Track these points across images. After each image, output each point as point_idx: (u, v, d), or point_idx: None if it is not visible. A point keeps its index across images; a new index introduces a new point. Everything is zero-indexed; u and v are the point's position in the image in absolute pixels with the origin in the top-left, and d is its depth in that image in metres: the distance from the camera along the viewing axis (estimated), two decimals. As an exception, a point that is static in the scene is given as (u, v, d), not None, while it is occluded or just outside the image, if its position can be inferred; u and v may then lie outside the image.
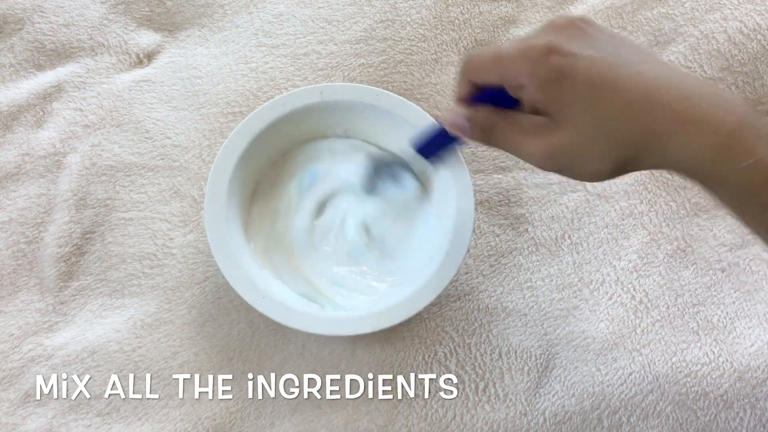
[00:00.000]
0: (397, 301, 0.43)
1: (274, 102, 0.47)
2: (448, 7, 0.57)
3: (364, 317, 0.43)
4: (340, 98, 0.47)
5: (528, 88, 0.32)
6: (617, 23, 0.56)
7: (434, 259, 0.44)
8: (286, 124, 0.47)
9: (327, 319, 0.43)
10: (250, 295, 0.43)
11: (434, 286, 0.43)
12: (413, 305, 0.43)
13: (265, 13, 0.56)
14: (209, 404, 0.46)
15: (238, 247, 0.45)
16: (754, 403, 0.46)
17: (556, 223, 0.51)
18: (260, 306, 0.42)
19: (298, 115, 0.47)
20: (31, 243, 0.50)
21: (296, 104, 0.47)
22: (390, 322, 0.42)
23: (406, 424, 0.45)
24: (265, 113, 0.46)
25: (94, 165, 0.52)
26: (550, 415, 0.45)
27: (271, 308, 0.42)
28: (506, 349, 0.47)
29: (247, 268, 0.44)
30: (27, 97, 0.54)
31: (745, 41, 0.54)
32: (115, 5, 0.57)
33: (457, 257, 0.43)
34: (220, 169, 0.45)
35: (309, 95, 0.47)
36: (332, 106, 0.47)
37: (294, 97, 0.47)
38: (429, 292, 0.43)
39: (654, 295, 0.49)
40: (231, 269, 0.43)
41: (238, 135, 0.46)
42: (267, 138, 0.47)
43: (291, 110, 0.47)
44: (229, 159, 0.45)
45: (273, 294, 0.43)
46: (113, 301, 0.48)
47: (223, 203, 0.45)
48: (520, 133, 0.33)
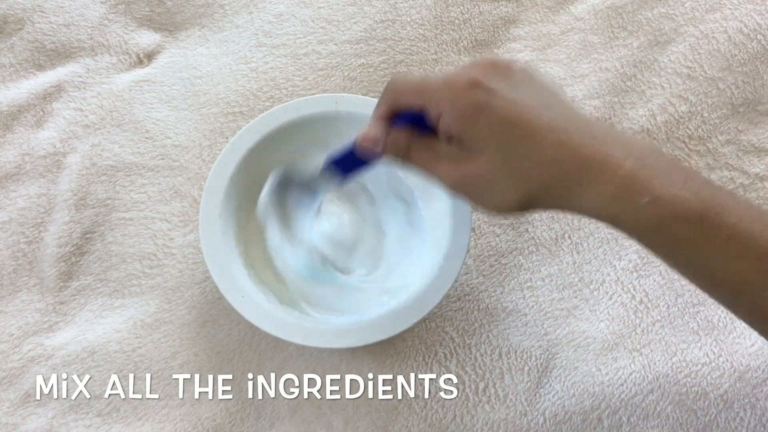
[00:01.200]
0: (384, 314, 0.43)
1: (289, 105, 0.47)
2: (448, 7, 0.57)
3: (345, 330, 0.43)
4: (354, 110, 0.47)
5: (447, 115, 0.33)
6: (617, 23, 0.56)
7: (422, 282, 0.44)
8: (297, 129, 0.47)
9: (309, 329, 0.43)
10: (231, 294, 0.43)
11: (419, 308, 0.43)
12: (400, 321, 0.43)
13: (265, 13, 0.56)
14: (209, 404, 0.46)
15: (229, 245, 0.45)
16: (754, 403, 0.46)
17: (556, 223, 0.51)
18: (238, 306, 0.42)
19: (311, 121, 0.47)
20: (31, 243, 0.50)
21: (310, 110, 0.47)
22: (374, 338, 0.42)
23: (406, 425, 0.45)
24: (278, 114, 0.46)
25: (94, 165, 0.52)
26: (551, 415, 0.45)
27: (249, 309, 0.42)
28: (506, 349, 0.47)
29: (233, 267, 0.44)
30: (27, 97, 0.54)
31: (745, 41, 0.54)
32: (115, 5, 0.57)
33: (446, 282, 0.43)
34: (224, 162, 0.45)
35: (324, 103, 0.47)
36: (345, 117, 0.47)
37: (309, 103, 0.47)
38: (415, 311, 0.43)
39: (654, 295, 0.49)
40: (216, 264, 0.43)
41: (248, 132, 0.46)
42: (276, 139, 0.47)
43: (304, 115, 0.47)
44: (234, 154, 0.46)
45: (252, 296, 0.43)
46: (113, 301, 0.48)
47: (220, 198, 0.45)
48: (435, 157, 0.35)
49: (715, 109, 0.53)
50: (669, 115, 0.53)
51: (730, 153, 0.53)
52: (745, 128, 0.53)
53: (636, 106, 0.54)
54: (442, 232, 0.45)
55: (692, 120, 0.53)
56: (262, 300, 0.44)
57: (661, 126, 0.53)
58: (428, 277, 0.44)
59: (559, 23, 0.57)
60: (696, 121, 0.53)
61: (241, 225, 0.47)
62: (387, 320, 0.43)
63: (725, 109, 0.53)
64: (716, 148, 0.53)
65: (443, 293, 0.43)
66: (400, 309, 0.43)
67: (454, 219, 0.45)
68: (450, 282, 0.43)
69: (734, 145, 0.53)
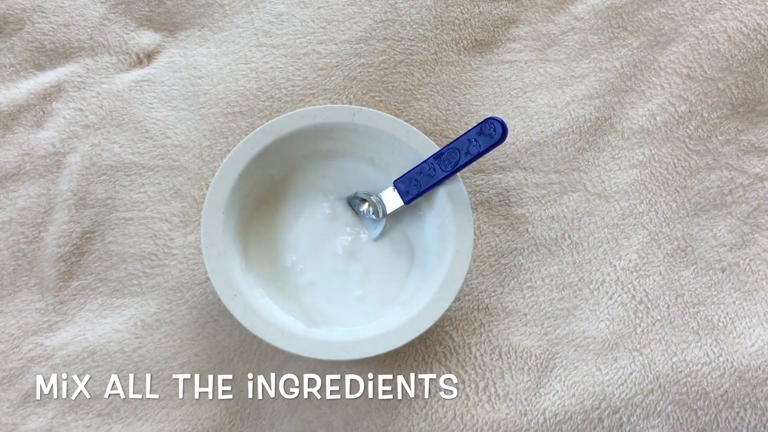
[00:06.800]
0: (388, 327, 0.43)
1: (306, 111, 0.47)
2: (448, 7, 0.57)
3: (336, 342, 0.43)
4: (371, 125, 0.47)
5: None
6: (617, 23, 0.56)
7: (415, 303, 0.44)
8: (311, 136, 0.47)
9: (312, 341, 0.43)
10: (223, 290, 0.43)
11: (414, 327, 0.43)
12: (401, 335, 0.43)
13: (265, 13, 0.56)
14: (209, 404, 0.46)
15: (228, 244, 0.45)
16: (754, 403, 0.46)
17: (556, 223, 0.51)
18: (229, 304, 0.42)
19: (327, 130, 0.47)
20: (31, 243, 0.50)
21: (327, 119, 0.47)
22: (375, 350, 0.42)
23: (406, 424, 0.45)
24: (295, 119, 0.47)
25: (94, 165, 0.52)
26: (551, 415, 0.45)
27: (241, 310, 0.42)
28: (506, 348, 0.47)
29: (230, 265, 0.44)
30: (27, 97, 0.54)
31: (745, 41, 0.54)
32: (115, 5, 0.57)
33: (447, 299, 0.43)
34: (235, 159, 0.45)
35: (342, 114, 0.47)
36: (361, 131, 0.47)
37: (327, 111, 0.47)
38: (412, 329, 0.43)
39: (654, 294, 0.49)
40: (214, 262, 0.43)
41: (263, 133, 0.46)
42: (289, 144, 0.47)
43: (320, 123, 0.47)
44: (246, 153, 0.46)
45: (246, 296, 0.43)
46: (113, 300, 0.48)
47: (226, 194, 0.45)
48: None
49: (715, 109, 0.53)
50: (669, 115, 0.53)
51: (730, 153, 0.53)
52: (745, 128, 0.53)
53: (636, 106, 0.54)
54: (445, 242, 0.45)
55: (692, 120, 0.53)
56: (261, 302, 0.44)
57: (661, 126, 0.53)
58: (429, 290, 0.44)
59: (559, 23, 0.57)
60: (696, 121, 0.53)
61: (242, 223, 0.47)
62: (383, 334, 0.43)
63: (725, 109, 0.53)
64: (716, 148, 0.53)
65: (448, 303, 0.43)
66: (396, 327, 0.43)
67: (456, 225, 0.45)
68: (454, 293, 0.43)
69: (734, 145, 0.53)
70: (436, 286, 0.44)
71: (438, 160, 0.46)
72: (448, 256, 0.44)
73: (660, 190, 0.52)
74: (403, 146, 0.47)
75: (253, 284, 0.45)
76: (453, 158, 0.45)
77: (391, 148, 0.48)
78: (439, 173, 0.46)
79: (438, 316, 0.43)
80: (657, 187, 0.52)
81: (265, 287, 0.46)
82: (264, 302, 0.45)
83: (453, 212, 0.45)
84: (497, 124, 0.43)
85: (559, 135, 0.53)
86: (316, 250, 0.47)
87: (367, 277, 0.47)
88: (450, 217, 0.45)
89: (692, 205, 0.51)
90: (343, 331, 0.44)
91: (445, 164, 0.45)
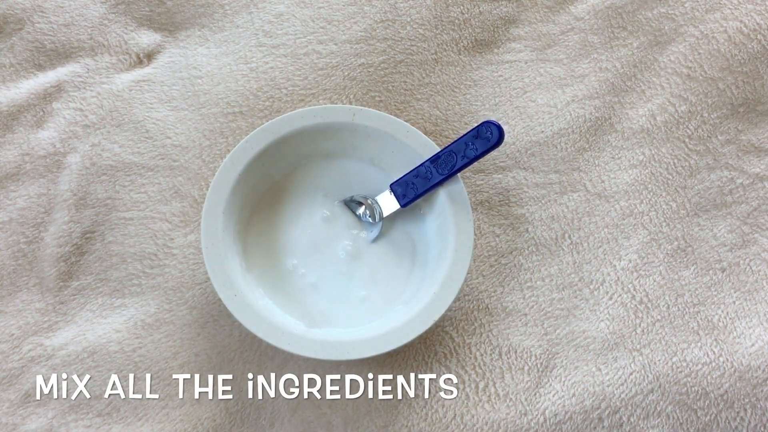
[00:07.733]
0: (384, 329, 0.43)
1: (306, 111, 0.47)
2: (448, 7, 0.57)
3: (333, 343, 0.43)
4: (371, 125, 0.47)
5: None
6: (617, 23, 0.56)
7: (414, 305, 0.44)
8: (312, 136, 0.47)
9: (310, 340, 0.43)
10: (223, 290, 0.43)
11: (413, 328, 0.43)
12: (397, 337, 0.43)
13: (265, 13, 0.56)
14: (209, 404, 0.46)
15: (229, 244, 0.45)
16: (754, 403, 0.46)
17: (556, 223, 0.51)
18: (229, 304, 0.42)
19: (327, 130, 0.47)
20: (31, 243, 0.50)
21: (327, 119, 0.47)
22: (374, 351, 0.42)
23: (406, 424, 0.45)
24: (295, 119, 0.47)
25: (94, 165, 0.52)
26: (551, 415, 0.45)
27: (240, 309, 0.42)
28: (506, 348, 0.47)
29: (230, 264, 0.44)
30: (27, 97, 0.54)
31: (745, 41, 0.54)
32: (115, 5, 0.57)
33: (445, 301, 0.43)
34: (235, 158, 0.46)
35: (342, 114, 0.47)
36: (361, 130, 0.47)
37: (327, 111, 0.47)
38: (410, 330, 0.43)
39: (654, 294, 0.49)
40: (214, 262, 0.43)
41: (264, 132, 0.46)
42: (290, 144, 0.47)
43: (320, 123, 0.47)
44: (247, 152, 0.46)
45: (246, 296, 0.43)
46: (113, 300, 0.48)
47: (226, 193, 0.45)
48: None
49: (715, 109, 0.53)
50: (669, 115, 0.53)
51: (730, 153, 0.53)
52: (745, 128, 0.53)
53: (636, 106, 0.54)
54: (444, 243, 0.45)
55: (692, 120, 0.53)
56: (261, 302, 0.44)
57: (661, 126, 0.53)
58: (430, 290, 0.44)
59: (559, 23, 0.57)
60: (696, 121, 0.53)
61: (242, 223, 0.47)
62: (384, 333, 0.43)
63: (725, 109, 0.53)
64: (716, 148, 0.53)
65: (448, 303, 0.43)
66: (397, 325, 0.43)
67: (456, 225, 0.45)
68: (454, 293, 0.43)
69: (734, 145, 0.53)
70: (436, 286, 0.44)
71: (435, 163, 0.46)
72: (448, 256, 0.44)
73: (660, 190, 0.52)
74: (403, 146, 0.47)
75: (254, 284, 0.45)
76: (450, 161, 0.45)
77: (391, 148, 0.48)
78: (435, 176, 0.46)
79: (438, 316, 0.43)
80: (657, 187, 0.52)
81: (266, 288, 0.46)
82: (264, 303, 0.45)
83: (453, 212, 0.45)
84: (494, 127, 0.44)
85: (559, 135, 0.53)
86: (318, 252, 0.47)
87: (373, 277, 0.47)
88: (450, 217, 0.45)
89: (692, 205, 0.51)
90: (343, 332, 0.44)
91: (442, 167, 0.46)
